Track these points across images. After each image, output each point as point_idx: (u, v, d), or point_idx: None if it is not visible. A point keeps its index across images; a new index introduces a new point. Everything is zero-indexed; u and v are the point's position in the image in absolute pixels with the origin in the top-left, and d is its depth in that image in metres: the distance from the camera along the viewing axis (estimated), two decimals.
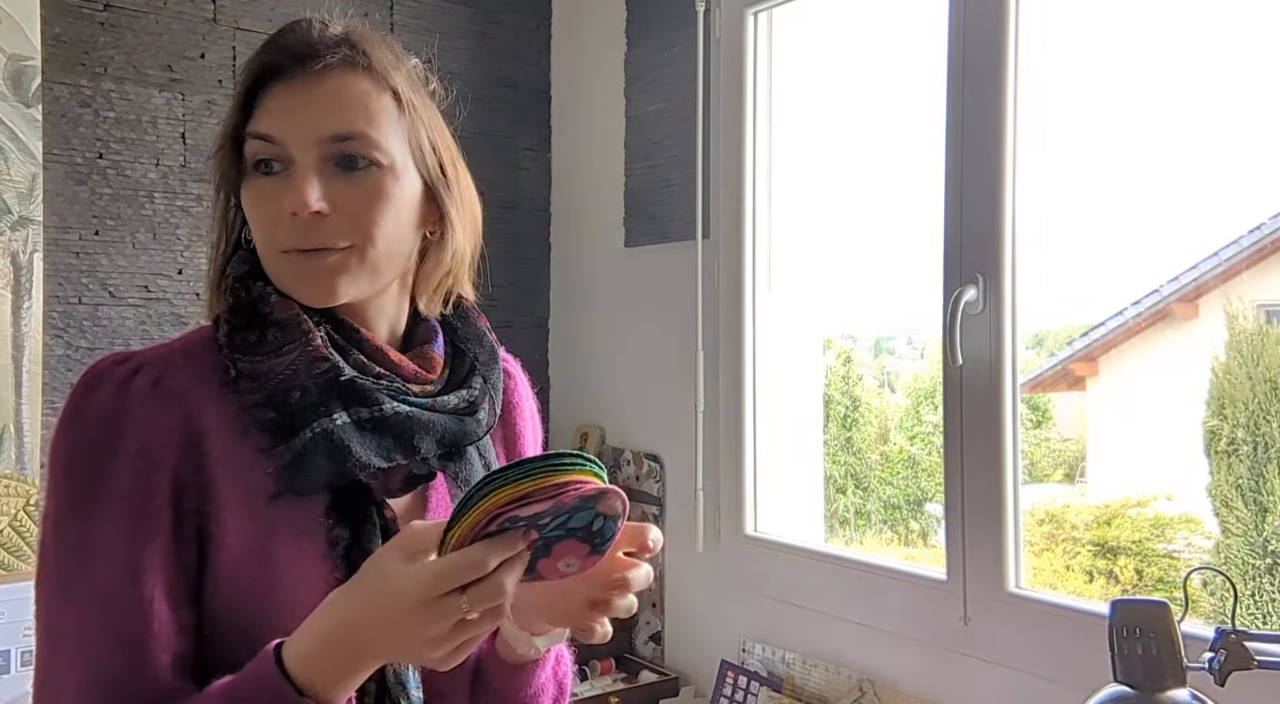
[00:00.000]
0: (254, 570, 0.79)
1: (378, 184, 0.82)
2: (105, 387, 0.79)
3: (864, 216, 3.75)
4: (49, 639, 0.78)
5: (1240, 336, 3.44)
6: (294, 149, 0.81)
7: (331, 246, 0.81)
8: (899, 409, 5.49)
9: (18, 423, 1.94)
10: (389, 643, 0.70)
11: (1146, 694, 0.86)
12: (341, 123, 0.81)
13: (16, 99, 1.94)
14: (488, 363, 0.93)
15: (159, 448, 0.78)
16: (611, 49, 2.51)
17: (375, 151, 0.82)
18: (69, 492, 0.78)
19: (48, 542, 0.78)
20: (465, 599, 0.67)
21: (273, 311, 0.83)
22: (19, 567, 1.93)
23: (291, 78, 0.81)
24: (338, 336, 0.84)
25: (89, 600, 0.76)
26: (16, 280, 1.95)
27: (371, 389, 0.83)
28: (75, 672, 0.76)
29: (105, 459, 0.77)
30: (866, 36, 2.87)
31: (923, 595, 1.78)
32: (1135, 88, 3.65)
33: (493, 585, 0.68)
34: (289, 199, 0.80)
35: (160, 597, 0.77)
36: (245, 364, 0.82)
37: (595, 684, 2.28)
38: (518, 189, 2.67)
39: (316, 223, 0.80)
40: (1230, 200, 3.63)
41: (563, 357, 2.71)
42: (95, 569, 0.76)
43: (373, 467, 0.81)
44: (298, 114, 0.81)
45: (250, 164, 0.82)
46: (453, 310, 0.94)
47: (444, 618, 0.67)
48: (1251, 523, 3.35)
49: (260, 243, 0.83)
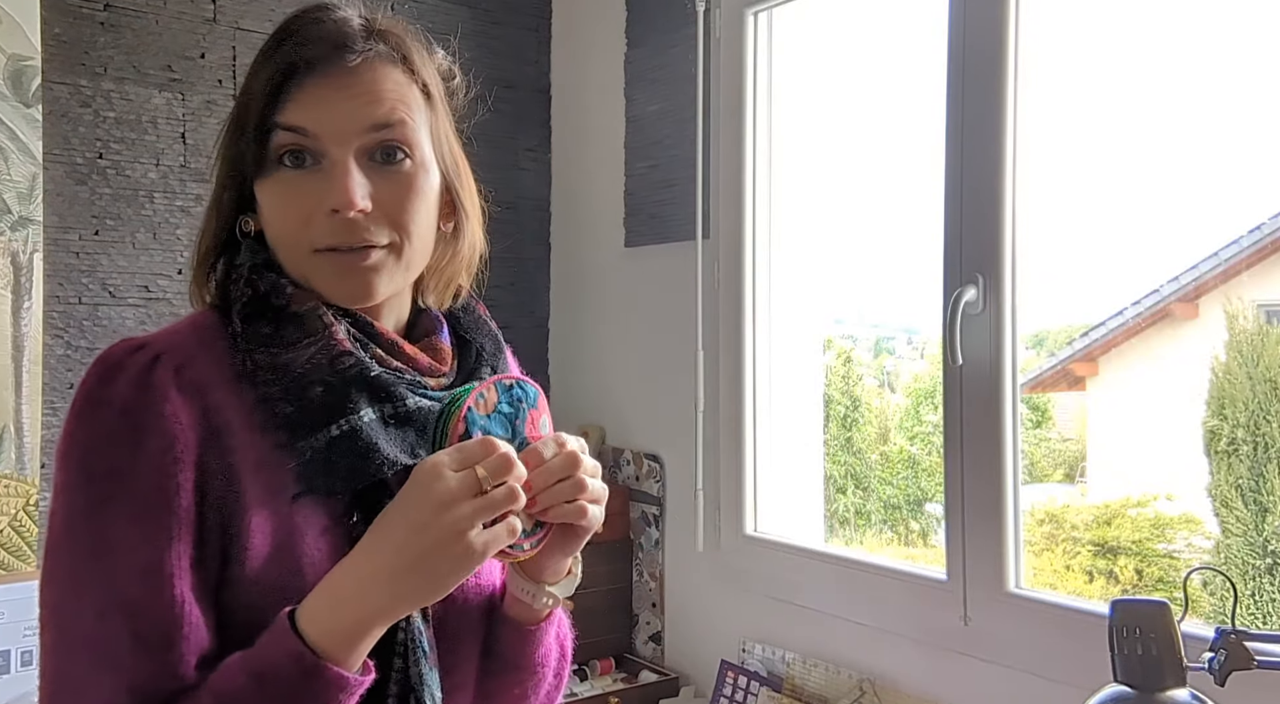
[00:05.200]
0: (277, 569, 0.76)
1: (412, 178, 0.81)
2: (123, 376, 0.74)
3: (864, 216, 3.75)
4: (62, 645, 0.73)
5: (1240, 336, 3.44)
6: (329, 142, 0.78)
7: (375, 244, 0.80)
8: (899, 409, 5.49)
9: (18, 423, 1.94)
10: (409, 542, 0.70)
11: (1146, 694, 0.86)
12: (382, 113, 0.79)
13: (16, 99, 1.94)
14: (495, 352, 0.92)
15: (183, 442, 0.74)
16: (611, 49, 2.51)
17: (411, 143, 0.81)
18: (86, 489, 0.73)
19: (58, 542, 0.74)
20: (481, 471, 0.70)
21: (288, 304, 0.80)
22: (19, 567, 1.93)
23: (326, 70, 0.79)
24: (354, 330, 0.82)
25: (111, 603, 0.72)
26: (16, 280, 1.95)
27: (394, 382, 0.81)
28: (97, 677, 0.72)
29: (126, 454, 0.73)
30: (866, 36, 2.87)
31: (923, 595, 1.78)
32: (1135, 87, 3.65)
33: (503, 458, 0.72)
34: (331, 196, 0.77)
35: (190, 599, 0.73)
36: (262, 356, 0.78)
37: (595, 684, 2.28)
38: (518, 189, 2.67)
39: (357, 220, 0.78)
40: (1230, 200, 3.62)
41: (563, 356, 2.71)
42: (117, 571, 0.72)
43: (399, 464, 0.78)
44: (336, 107, 0.78)
45: (275, 156, 0.79)
46: (453, 301, 0.94)
47: (463, 487, 0.70)
48: (1251, 523, 3.35)
49: (286, 239, 0.81)
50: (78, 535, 0.73)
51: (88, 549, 0.73)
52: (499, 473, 0.72)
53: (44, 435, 1.98)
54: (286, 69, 0.79)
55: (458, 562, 0.71)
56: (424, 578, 0.71)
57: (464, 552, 0.70)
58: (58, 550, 0.74)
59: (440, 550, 0.70)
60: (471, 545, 0.70)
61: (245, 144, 0.80)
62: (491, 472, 0.71)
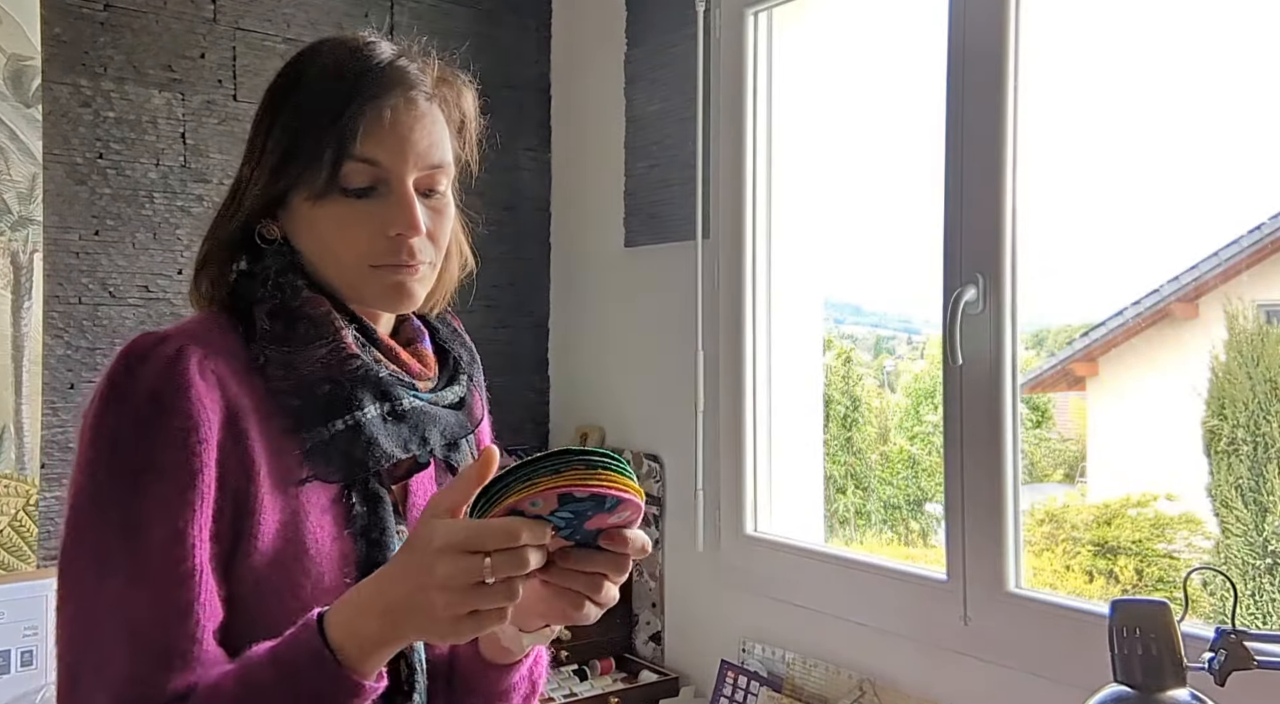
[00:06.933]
0: (283, 545, 0.84)
1: (447, 207, 0.94)
2: (149, 365, 0.81)
3: (864, 216, 3.74)
4: (83, 616, 0.79)
5: (1240, 336, 3.44)
6: (395, 176, 0.88)
7: (424, 262, 0.91)
8: (899, 409, 5.49)
9: (18, 423, 1.94)
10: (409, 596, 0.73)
11: (1146, 694, 0.86)
12: (438, 155, 0.91)
13: (16, 99, 1.94)
14: (470, 362, 1.03)
15: (207, 425, 0.81)
16: (611, 49, 2.51)
17: (447, 180, 0.94)
18: (113, 468, 0.80)
19: (83, 518, 0.80)
20: (488, 562, 0.70)
21: (303, 306, 0.89)
22: (19, 567, 1.93)
23: (399, 111, 0.88)
24: (359, 335, 0.92)
25: (136, 573, 0.78)
26: (16, 280, 1.95)
27: (394, 384, 0.90)
28: (118, 646, 0.77)
29: (154, 435, 0.79)
30: (866, 36, 2.86)
31: (922, 595, 1.79)
32: (1135, 87, 3.64)
33: (517, 556, 0.70)
34: (397, 221, 0.88)
35: (208, 570, 0.80)
36: (275, 352, 0.87)
37: (595, 684, 2.28)
38: (518, 189, 2.67)
39: (415, 244, 0.90)
40: (1230, 200, 3.62)
41: (563, 356, 2.71)
42: (142, 542, 0.78)
43: (395, 457, 0.89)
44: (406, 144, 0.88)
45: (343, 183, 0.87)
46: (435, 314, 1.04)
47: (465, 573, 0.70)
48: (1251, 523, 3.35)
49: (344, 255, 0.89)
50: (106, 512, 0.79)
51: (118, 524, 0.79)
52: (507, 568, 0.71)
53: (44, 435, 1.98)
54: (365, 106, 0.87)
55: (445, 635, 0.74)
56: (425, 634, 0.76)
57: (452, 631, 0.73)
58: (83, 527, 0.80)
59: (433, 623, 0.73)
60: (459, 629, 0.73)
61: (309, 167, 0.87)
62: (498, 566, 0.70)
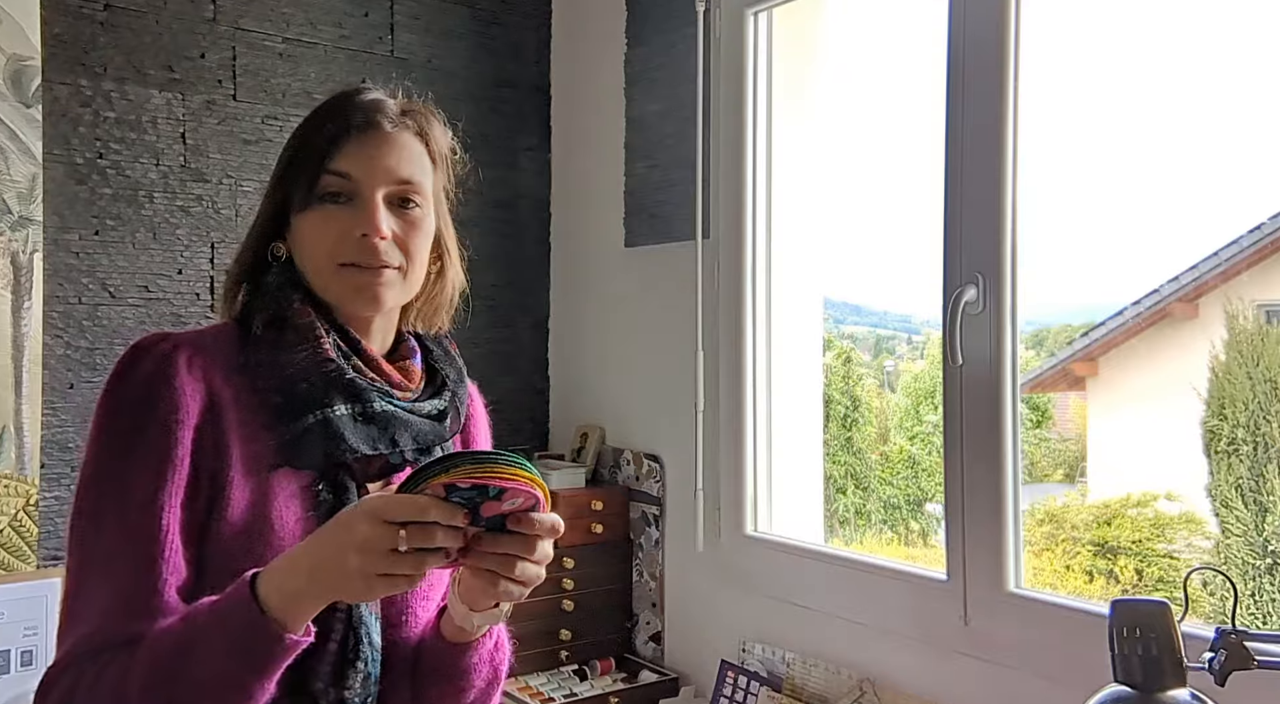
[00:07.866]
0: (251, 522, 0.96)
1: (420, 220, 1.05)
2: (149, 358, 0.96)
3: (864, 216, 3.75)
4: (81, 566, 0.93)
5: (1240, 336, 3.45)
6: (365, 186, 1.01)
7: (388, 265, 1.02)
8: (899, 409, 5.49)
9: (18, 423, 1.94)
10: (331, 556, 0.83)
11: (1146, 694, 0.86)
12: (406, 171, 1.04)
13: (16, 99, 1.94)
14: (457, 381, 1.14)
15: (187, 411, 0.94)
16: (611, 49, 2.51)
17: (421, 195, 1.05)
18: (110, 438, 0.94)
19: (87, 482, 0.94)
20: (403, 532, 0.81)
21: (293, 316, 1.01)
22: (19, 567, 1.93)
23: (367, 133, 1.03)
24: (343, 344, 1.03)
25: (118, 528, 0.92)
26: (16, 280, 1.95)
27: (366, 388, 1.01)
28: (98, 589, 0.91)
29: (144, 413, 0.94)
30: (867, 36, 2.87)
31: (922, 595, 1.79)
32: (1135, 88, 3.65)
33: (426, 530, 0.82)
34: (362, 223, 1.00)
35: (175, 529, 0.93)
36: (265, 355, 1.00)
37: (595, 684, 2.27)
38: (518, 189, 2.67)
39: (379, 244, 1.00)
40: (1230, 200, 3.62)
41: (563, 356, 2.71)
42: (125, 503, 0.92)
43: (360, 452, 0.99)
44: (374, 161, 1.02)
45: (320, 194, 1.01)
46: (432, 337, 1.15)
47: (380, 539, 0.81)
48: (1251, 523, 3.35)
49: (319, 257, 1.02)
50: (104, 476, 0.94)
51: (107, 485, 0.93)
52: (418, 539, 0.81)
53: (44, 435, 1.98)
54: (339, 130, 1.02)
55: (358, 592, 0.85)
56: (341, 591, 0.85)
57: (364, 588, 0.83)
58: (87, 489, 0.94)
59: (347, 579, 0.83)
60: (371, 587, 0.83)
61: (295, 184, 1.02)
62: (410, 536, 0.81)
